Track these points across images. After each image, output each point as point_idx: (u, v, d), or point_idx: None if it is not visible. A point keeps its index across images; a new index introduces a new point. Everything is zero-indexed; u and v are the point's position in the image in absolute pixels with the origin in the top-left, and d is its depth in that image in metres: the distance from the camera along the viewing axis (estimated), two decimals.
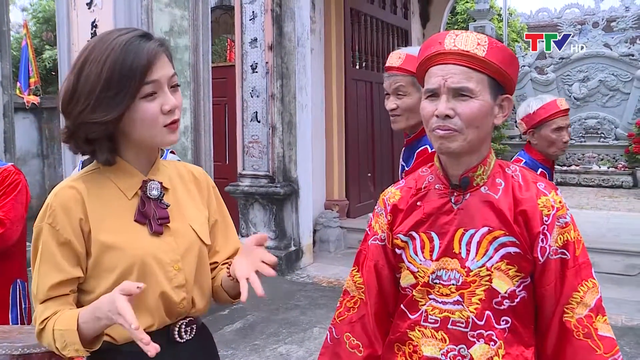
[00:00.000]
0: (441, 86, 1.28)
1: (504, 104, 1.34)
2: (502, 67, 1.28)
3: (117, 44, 1.20)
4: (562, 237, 1.29)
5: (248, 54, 6.21)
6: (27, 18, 14.11)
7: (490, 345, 1.29)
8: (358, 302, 1.48)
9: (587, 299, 1.28)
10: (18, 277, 2.54)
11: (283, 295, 5.14)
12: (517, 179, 1.35)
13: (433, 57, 1.31)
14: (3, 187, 2.44)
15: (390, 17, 8.58)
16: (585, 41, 13.53)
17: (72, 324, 1.18)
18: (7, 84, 6.03)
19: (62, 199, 1.23)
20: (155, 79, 1.22)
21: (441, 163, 1.39)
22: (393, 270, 1.44)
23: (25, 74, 9.64)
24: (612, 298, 5.07)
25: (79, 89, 1.20)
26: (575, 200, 10.78)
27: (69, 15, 4.23)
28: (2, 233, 2.35)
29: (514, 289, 1.29)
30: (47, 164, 9.49)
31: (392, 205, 1.44)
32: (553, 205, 1.31)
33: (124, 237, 1.25)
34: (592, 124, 13.37)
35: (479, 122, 1.28)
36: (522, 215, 1.30)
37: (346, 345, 1.45)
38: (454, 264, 1.32)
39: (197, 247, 1.36)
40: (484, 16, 13.85)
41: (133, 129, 1.23)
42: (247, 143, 6.34)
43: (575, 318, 1.27)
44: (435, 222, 1.36)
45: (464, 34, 1.30)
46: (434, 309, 1.34)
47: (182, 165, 1.47)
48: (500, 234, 1.29)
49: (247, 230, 6.35)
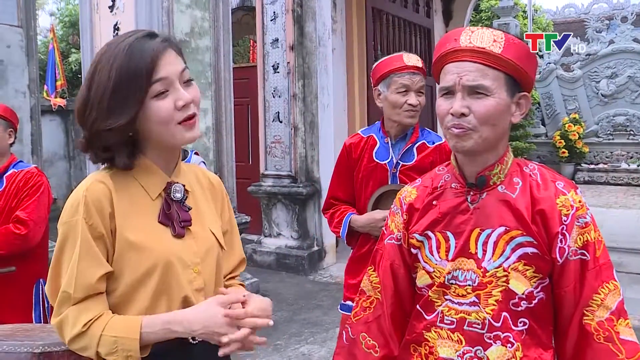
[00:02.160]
0: (456, 84, 1.26)
1: (521, 101, 1.32)
2: (519, 64, 1.26)
3: (121, 48, 1.20)
4: (582, 237, 1.26)
5: (269, 55, 6.23)
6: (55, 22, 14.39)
7: (507, 347, 1.26)
8: (374, 302, 1.46)
9: (608, 301, 1.24)
10: (40, 277, 2.57)
11: (305, 295, 5.14)
12: (535, 177, 1.32)
13: (449, 54, 1.29)
14: (26, 188, 2.48)
15: (413, 16, 8.51)
16: (614, 36, 13.24)
17: (133, 332, 1.18)
18: (34, 87, 6.12)
19: (94, 193, 1.22)
20: (164, 77, 1.21)
21: (457, 162, 1.37)
22: (409, 270, 1.43)
23: (52, 77, 9.83)
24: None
25: (91, 98, 1.20)
26: (603, 199, 10.56)
27: (91, 19, 4.29)
28: (25, 234, 2.39)
29: (531, 290, 1.27)
30: (73, 165, 9.66)
31: (409, 204, 1.43)
32: (572, 204, 1.27)
33: (149, 237, 1.25)
34: (621, 121, 13.09)
35: (494, 120, 1.26)
36: (540, 215, 1.27)
37: (362, 345, 1.44)
38: (470, 264, 1.30)
39: (215, 251, 1.36)
40: (509, 13, 13.66)
41: (150, 129, 1.23)
42: (269, 143, 6.35)
43: (596, 321, 1.23)
44: (451, 221, 1.34)
45: (480, 30, 1.28)
46: (450, 309, 1.32)
47: (200, 171, 1.47)
48: (518, 233, 1.27)
49: (270, 230, 6.36)
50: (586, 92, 13.50)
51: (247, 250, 6.39)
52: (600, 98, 13.34)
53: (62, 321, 1.22)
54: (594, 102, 13.46)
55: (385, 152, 2.40)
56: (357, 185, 2.47)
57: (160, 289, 1.24)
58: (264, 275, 5.72)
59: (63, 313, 1.22)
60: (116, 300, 1.25)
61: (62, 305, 1.22)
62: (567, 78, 13.50)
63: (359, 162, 2.44)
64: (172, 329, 1.20)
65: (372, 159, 2.40)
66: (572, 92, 13.58)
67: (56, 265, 1.24)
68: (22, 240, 2.39)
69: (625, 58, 12.97)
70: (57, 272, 1.24)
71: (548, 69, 13.79)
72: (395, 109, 2.32)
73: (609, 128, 13.26)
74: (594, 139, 13.33)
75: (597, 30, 13.41)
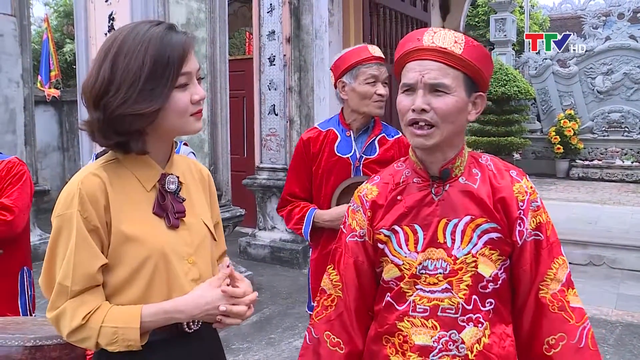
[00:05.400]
0: (418, 81, 1.33)
1: (477, 101, 1.40)
2: (477, 65, 1.34)
3: (154, 35, 1.23)
4: (535, 219, 1.39)
5: (266, 47, 6.20)
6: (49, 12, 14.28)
7: (479, 327, 1.36)
8: (335, 300, 1.50)
9: (559, 274, 1.38)
10: (24, 265, 2.59)
11: (299, 289, 5.13)
12: (491, 168, 1.43)
13: (411, 53, 1.36)
14: (9, 177, 2.51)
15: (410, 10, 8.48)
16: (610, 33, 13.26)
17: (133, 321, 1.20)
18: (27, 78, 6.09)
19: (88, 186, 1.22)
20: (188, 71, 1.26)
21: (417, 157, 1.43)
22: (373, 265, 1.47)
23: (46, 67, 9.75)
24: (635, 296, 4.98)
25: (118, 80, 1.20)
26: (597, 195, 10.60)
27: (86, 9, 4.24)
28: (11, 220, 2.41)
29: (496, 272, 1.37)
30: (67, 156, 9.60)
31: (371, 202, 1.48)
32: (526, 191, 1.39)
33: (143, 229, 1.26)
34: (616, 117, 13.15)
35: (453, 117, 1.34)
36: (501, 202, 1.37)
37: (327, 344, 1.47)
38: (440, 253, 1.37)
39: (209, 242, 1.39)
40: (505, 8, 13.68)
41: (166, 118, 1.25)
42: (264, 136, 6.33)
43: (550, 293, 1.36)
44: (418, 214, 1.40)
45: (442, 31, 1.35)
46: (422, 298, 1.37)
47: (192, 162, 1.49)
48: (483, 221, 1.36)
49: (265, 223, 6.35)
50: (582, 89, 13.54)
51: (241, 243, 6.39)
52: (595, 94, 13.38)
53: (60, 315, 1.22)
54: (589, 99, 13.50)
55: (348, 145, 2.37)
56: (316, 180, 2.41)
57: (155, 280, 1.26)
58: (258, 269, 5.72)
59: (60, 307, 1.22)
60: (110, 292, 1.26)
61: (58, 298, 1.22)
62: (563, 74, 13.53)
63: (319, 156, 2.39)
64: (173, 317, 1.25)
65: (334, 153, 2.36)
66: (568, 88, 13.62)
67: (50, 258, 1.25)
68: (8, 226, 2.41)
69: (621, 55, 13.02)
70: (51, 265, 1.24)
71: (544, 64, 13.81)
72: (365, 99, 2.31)
73: (604, 124, 13.31)
74: (589, 135, 13.38)
75: (593, 27, 13.44)
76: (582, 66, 13.45)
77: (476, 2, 16.27)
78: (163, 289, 1.27)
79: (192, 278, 1.31)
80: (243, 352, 3.84)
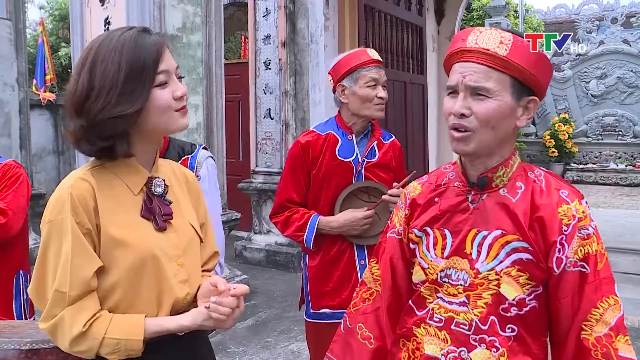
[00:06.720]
0: (459, 84, 1.27)
1: (529, 105, 1.29)
2: (525, 68, 1.24)
3: (127, 39, 1.26)
4: (583, 249, 1.23)
5: (261, 51, 6.21)
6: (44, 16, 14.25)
7: (492, 351, 1.26)
8: (374, 294, 1.48)
9: (607, 316, 1.21)
10: (20, 268, 2.57)
11: (295, 293, 5.10)
12: (540, 183, 1.31)
13: (456, 54, 1.30)
14: (4, 180, 2.49)
15: (405, 14, 8.50)
16: (604, 37, 13.33)
17: (137, 333, 1.23)
18: (22, 81, 6.07)
19: (79, 190, 1.24)
20: (165, 69, 1.28)
21: (461, 161, 1.38)
22: (407, 265, 1.44)
23: (41, 71, 9.71)
24: (629, 299, 4.99)
25: (97, 86, 1.22)
26: (592, 199, 10.64)
27: (82, 13, 4.25)
28: (5, 222, 2.39)
29: (523, 297, 1.25)
30: (62, 160, 9.57)
31: (411, 200, 1.45)
32: (575, 214, 1.24)
33: (132, 232, 1.27)
34: (610, 121, 13.19)
35: (494, 122, 1.25)
36: (539, 222, 1.25)
37: (358, 335, 1.45)
38: (464, 264, 1.30)
39: (196, 244, 1.41)
40: (500, 12, 13.71)
41: (148, 118, 1.27)
42: (260, 140, 6.33)
43: (594, 336, 1.21)
44: (450, 219, 1.35)
45: (488, 31, 1.27)
46: (440, 307, 1.33)
47: (176, 165, 1.51)
48: (514, 238, 1.26)
49: (260, 227, 6.35)
50: (576, 92, 13.59)
51: (236, 247, 6.38)
52: (590, 98, 13.43)
53: (57, 323, 1.21)
54: (583, 102, 13.56)
55: (350, 149, 2.34)
56: (316, 184, 2.35)
57: (145, 282, 1.27)
58: (254, 272, 5.71)
59: (57, 315, 1.21)
60: (102, 294, 1.26)
61: (55, 306, 1.21)
62: (557, 78, 13.58)
63: (320, 160, 2.32)
64: (172, 331, 1.29)
65: (335, 157, 2.32)
66: (562, 92, 13.67)
67: (41, 265, 1.24)
68: (1, 228, 2.39)
69: (614, 59, 13.08)
70: (42, 273, 1.24)
71: None
72: (366, 102, 2.30)
73: (598, 128, 13.37)
74: (583, 139, 13.43)
75: (587, 31, 13.50)
76: (576, 70, 13.51)
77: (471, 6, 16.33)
78: (153, 291, 1.28)
79: (181, 279, 1.33)
80: (239, 355, 3.84)
